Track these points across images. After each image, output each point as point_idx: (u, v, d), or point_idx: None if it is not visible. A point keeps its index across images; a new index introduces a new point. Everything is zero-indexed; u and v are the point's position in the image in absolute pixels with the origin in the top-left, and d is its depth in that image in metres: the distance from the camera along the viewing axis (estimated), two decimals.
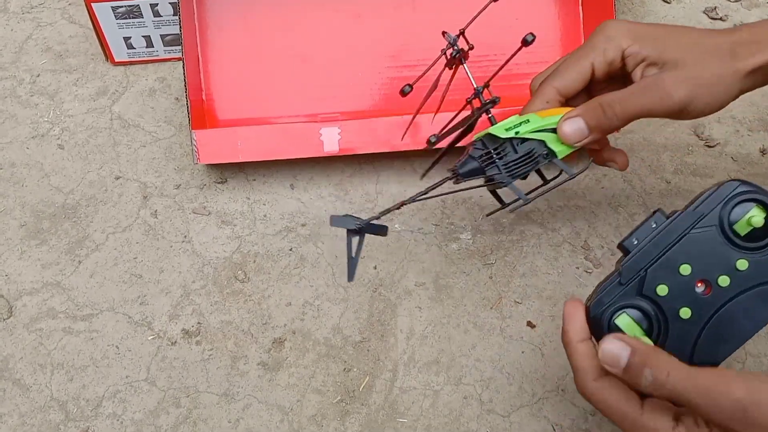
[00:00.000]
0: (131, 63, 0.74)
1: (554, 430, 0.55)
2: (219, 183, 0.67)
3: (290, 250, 0.63)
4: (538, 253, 0.62)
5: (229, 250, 0.63)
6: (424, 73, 0.52)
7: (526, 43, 0.48)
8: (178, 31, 0.67)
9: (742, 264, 0.42)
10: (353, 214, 0.49)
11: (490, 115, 0.50)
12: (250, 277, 0.62)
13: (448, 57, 0.51)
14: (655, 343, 0.43)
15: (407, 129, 0.58)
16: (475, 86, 0.51)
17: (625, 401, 0.41)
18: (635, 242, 0.43)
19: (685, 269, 0.42)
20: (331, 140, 0.64)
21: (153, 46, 0.72)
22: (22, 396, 0.57)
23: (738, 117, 0.69)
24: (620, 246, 0.44)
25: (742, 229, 0.42)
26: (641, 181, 0.66)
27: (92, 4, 0.67)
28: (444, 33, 0.50)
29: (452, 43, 0.50)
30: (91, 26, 0.70)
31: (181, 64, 0.64)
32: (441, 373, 0.57)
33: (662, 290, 0.42)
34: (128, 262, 0.62)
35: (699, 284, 0.42)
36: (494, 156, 0.49)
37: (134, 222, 0.65)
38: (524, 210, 0.65)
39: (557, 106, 0.50)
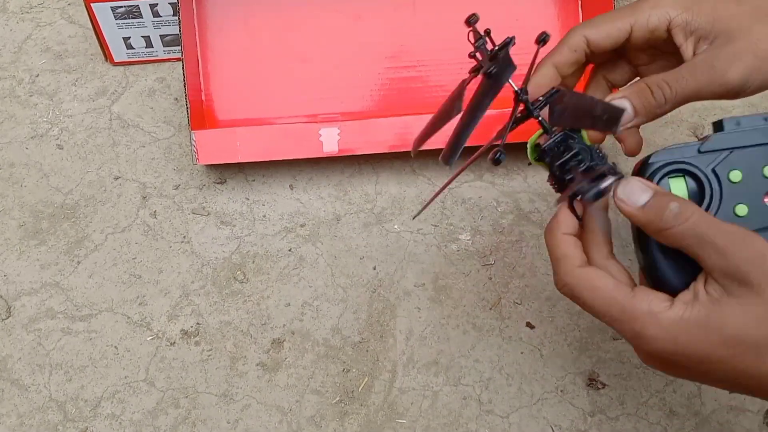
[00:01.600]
0: (130, 63, 0.74)
1: (553, 430, 0.55)
2: (218, 183, 0.67)
3: (289, 250, 0.63)
4: (537, 254, 0.62)
5: (228, 251, 0.63)
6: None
7: (543, 42, 0.43)
8: (178, 32, 0.67)
9: None
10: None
11: (540, 118, 0.43)
12: (249, 277, 0.62)
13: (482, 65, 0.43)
14: None
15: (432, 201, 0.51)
16: (516, 89, 0.43)
17: (614, 286, 0.37)
18: (737, 124, 0.40)
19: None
20: (330, 141, 0.64)
21: (152, 47, 0.72)
22: (21, 396, 0.56)
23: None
24: (716, 122, 0.40)
25: None
26: None
27: (92, 4, 0.67)
28: (469, 24, 0.43)
29: (481, 46, 0.42)
30: (91, 26, 0.70)
31: (181, 64, 0.64)
32: (440, 374, 0.57)
33: (735, 176, 0.39)
34: (127, 263, 0.62)
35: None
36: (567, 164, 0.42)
37: (133, 222, 0.64)
38: (523, 210, 0.65)
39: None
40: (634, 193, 0.37)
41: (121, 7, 0.68)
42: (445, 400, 0.56)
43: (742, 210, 0.39)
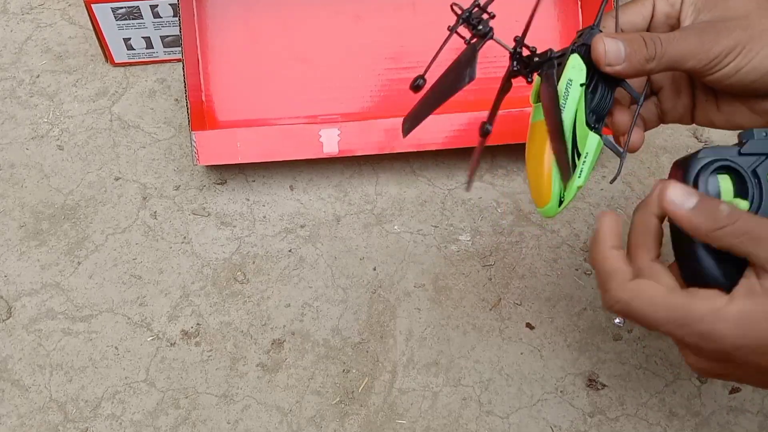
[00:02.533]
0: (131, 64, 0.74)
1: (553, 431, 0.55)
2: (218, 184, 0.67)
3: (289, 251, 0.63)
4: (537, 255, 0.63)
5: (228, 251, 0.63)
6: (435, 58, 0.45)
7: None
8: (178, 33, 0.67)
9: None
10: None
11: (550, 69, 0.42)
12: (249, 278, 0.62)
13: (471, 33, 0.42)
14: None
15: (473, 169, 0.50)
16: (510, 50, 0.43)
17: (670, 292, 0.37)
18: (766, 134, 0.40)
19: None
20: (330, 142, 0.64)
21: (153, 48, 0.72)
22: (21, 397, 0.56)
23: None
24: (745, 132, 0.41)
25: None
26: (640, 183, 0.66)
27: (92, 5, 0.67)
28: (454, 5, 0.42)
29: (468, 18, 0.41)
30: (91, 27, 0.70)
31: (181, 65, 0.64)
32: (440, 375, 0.57)
33: None
34: (127, 263, 0.62)
35: None
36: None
37: (134, 223, 0.65)
38: (523, 211, 0.65)
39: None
40: (682, 196, 0.38)
41: (121, 8, 0.68)
42: (445, 400, 0.56)
43: None
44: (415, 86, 0.42)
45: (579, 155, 0.42)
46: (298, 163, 0.67)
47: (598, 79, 0.42)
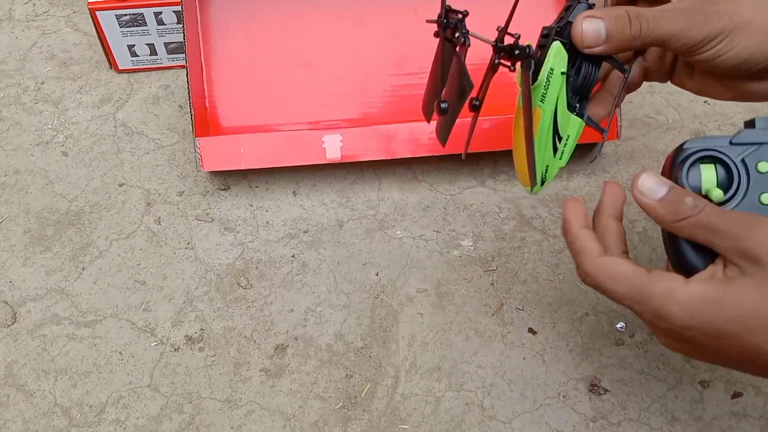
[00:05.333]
0: (135, 70, 0.74)
1: None
2: (222, 190, 0.67)
3: (292, 256, 0.63)
4: (539, 260, 0.63)
5: (231, 257, 0.63)
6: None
7: None
8: (182, 39, 0.67)
9: None
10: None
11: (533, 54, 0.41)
12: (252, 283, 0.62)
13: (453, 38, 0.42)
14: (721, 203, 0.41)
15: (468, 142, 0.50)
16: (492, 43, 0.42)
17: (633, 271, 0.39)
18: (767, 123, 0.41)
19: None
20: (333, 147, 0.64)
21: (156, 54, 0.73)
22: (26, 402, 0.57)
23: (738, 124, 0.70)
24: (748, 121, 0.42)
25: None
26: None
27: (96, 12, 0.68)
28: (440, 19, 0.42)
29: (445, 19, 0.41)
30: (95, 34, 0.71)
31: (185, 71, 0.65)
32: (442, 380, 0.57)
33: (764, 167, 0.40)
34: (131, 269, 0.63)
35: None
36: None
37: (138, 229, 0.65)
38: (525, 216, 0.65)
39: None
40: (653, 186, 0.39)
41: (125, 15, 0.69)
42: (448, 405, 0.56)
43: (767, 198, 0.41)
44: (442, 110, 0.42)
45: (560, 138, 0.43)
46: (301, 168, 0.67)
47: (583, 57, 0.42)
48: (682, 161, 0.41)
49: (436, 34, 0.43)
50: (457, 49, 0.41)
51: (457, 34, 0.40)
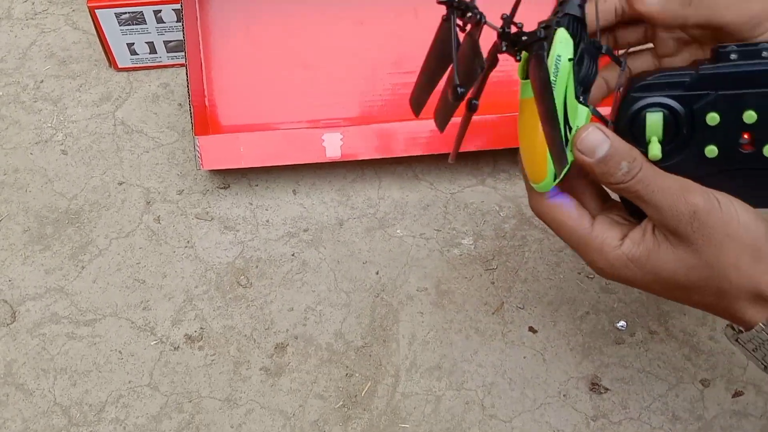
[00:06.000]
0: (134, 69, 0.74)
1: None
2: (222, 188, 0.67)
3: (292, 255, 0.63)
4: (539, 259, 0.63)
5: (231, 256, 0.63)
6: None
7: None
8: (182, 38, 0.67)
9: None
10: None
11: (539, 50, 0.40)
12: (252, 282, 0.62)
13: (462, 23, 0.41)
14: (663, 153, 0.41)
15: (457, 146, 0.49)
16: (498, 29, 0.41)
17: (577, 217, 0.42)
18: (734, 57, 0.39)
19: (750, 116, 0.39)
20: (333, 146, 0.64)
21: (156, 52, 0.73)
22: (25, 401, 0.57)
23: None
24: (714, 49, 0.40)
25: None
26: None
27: (96, 11, 0.68)
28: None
29: (458, 4, 0.40)
30: (95, 32, 0.70)
31: (184, 70, 0.65)
32: (443, 379, 0.57)
33: (713, 119, 0.40)
34: (131, 268, 0.63)
35: (746, 136, 0.40)
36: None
37: (137, 227, 0.65)
38: (525, 215, 0.65)
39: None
40: (592, 145, 0.39)
41: (125, 13, 0.68)
42: (448, 404, 0.56)
43: (711, 152, 0.40)
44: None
45: (570, 129, 0.41)
46: (300, 167, 0.67)
47: (583, 49, 0.41)
48: (630, 106, 0.40)
49: (445, 19, 0.41)
50: (468, 28, 0.40)
51: (469, 13, 0.39)
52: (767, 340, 0.40)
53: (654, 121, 0.40)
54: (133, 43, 0.71)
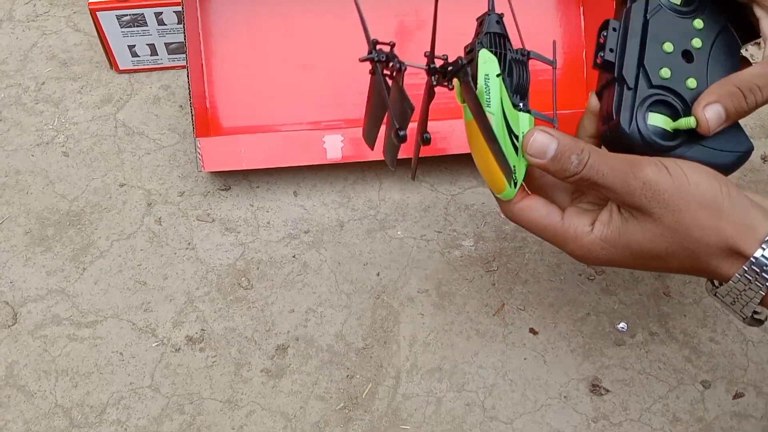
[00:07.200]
0: (135, 71, 0.74)
1: None
2: (223, 190, 0.67)
3: (293, 257, 0.63)
4: (540, 260, 0.63)
5: (232, 257, 0.63)
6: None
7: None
8: (182, 40, 0.67)
9: (698, 23, 0.45)
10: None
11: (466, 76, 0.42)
12: (253, 284, 0.62)
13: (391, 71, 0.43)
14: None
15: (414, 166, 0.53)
16: (424, 67, 0.44)
17: (547, 214, 0.44)
18: (611, 50, 0.45)
19: (668, 47, 0.44)
20: (334, 148, 0.64)
21: (157, 54, 0.73)
22: (27, 402, 0.57)
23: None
24: (599, 64, 0.45)
25: None
26: None
27: (97, 13, 0.68)
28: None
29: (379, 59, 0.42)
30: (96, 34, 0.71)
31: (185, 72, 0.65)
32: (444, 380, 0.57)
33: (665, 73, 0.44)
34: (132, 269, 0.63)
35: (682, 55, 0.44)
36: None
37: (138, 229, 0.65)
38: None
39: None
40: (541, 147, 0.42)
41: (126, 15, 0.68)
42: (449, 406, 0.56)
43: (692, 83, 0.44)
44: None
45: (517, 137, 0.44)
46: (301, 169, 0.67)
47: (511, 60, 0.44)
48: (639, 129, 0.43)
49: (372, 72, 0.44)
50: (393, 75, 0.43)
51: (391, 63, 0.42)
52: (743, 290, 0.41)
53: (661, 118, 0.44)
54: (134, 45, 0.71)
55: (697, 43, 0.45)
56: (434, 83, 0.44)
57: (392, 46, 0.42)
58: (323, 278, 0.62)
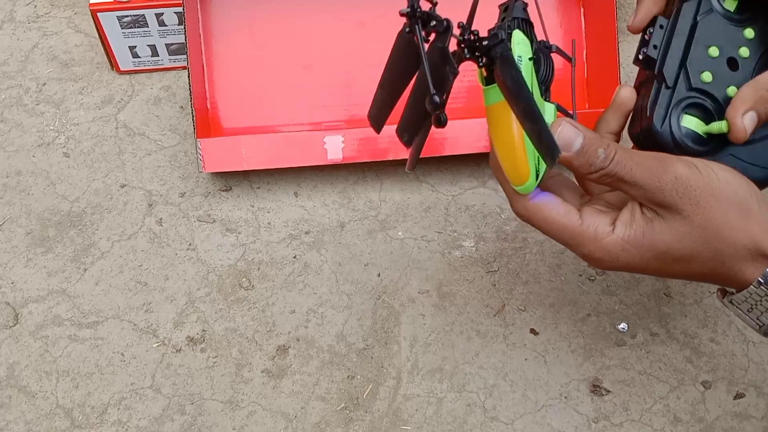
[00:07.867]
0: (136, 72, 0.74)
1: None
2: (223, 191, 0.67)
3: (294, 257, 0.63)
4: (540, 261, 0.63)
5: (233, 258, 0.63)
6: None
7: None
8: (183, 40, 0.67)
9: (749, 33, 0.44)
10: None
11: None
12: (254, 284, 0.62)
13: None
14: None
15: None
16: (459, 37, 0.38)
17: (565, 212, 0.42)
18: (655, 47, 0.43)
19: (714, 51, 0.43)
20: (334, 148, 0.64)
21: (158, 55, 0.73)
22: (28, 403, 0.57)
23: None
24: (642, 59, 0.44)
25: (729, 5, 0.44)
26: None
27: (98, 14, 0.68)
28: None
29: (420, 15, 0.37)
30: (97, 35, 0.71)
31: (186, 72, 0.65)
32: (444, 381, 0.57)
33: (707, 77, 0.43)
34: (133, 270, 0.63)
35: (727, 62, 0.43)
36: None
37: (139, 230, 0.65)
38: None
39: None
40: (568, 140, 0.40)
41: (127, 16, 0.69)
42: (450, 406, 0.56)
43: (732, 91, 0.43)
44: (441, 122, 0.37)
45: None
46: (302, 169, 0.67)
47: (538, 49, 0.43)
48: (671, 129, 0.42)
49: (407, 32, 0.39)
50: (432, 38, 0.38)
51: (433, 22, 0.37)
52: (764, 296, 0.39)
53: (694, 122, 0.43)
54: (135, 46, 0.72)
55: (744, 52, 0.44)
56: (465, 56, 0.39)
57: (435, 4, 0.38)
58: (324, 279, 0.62)
